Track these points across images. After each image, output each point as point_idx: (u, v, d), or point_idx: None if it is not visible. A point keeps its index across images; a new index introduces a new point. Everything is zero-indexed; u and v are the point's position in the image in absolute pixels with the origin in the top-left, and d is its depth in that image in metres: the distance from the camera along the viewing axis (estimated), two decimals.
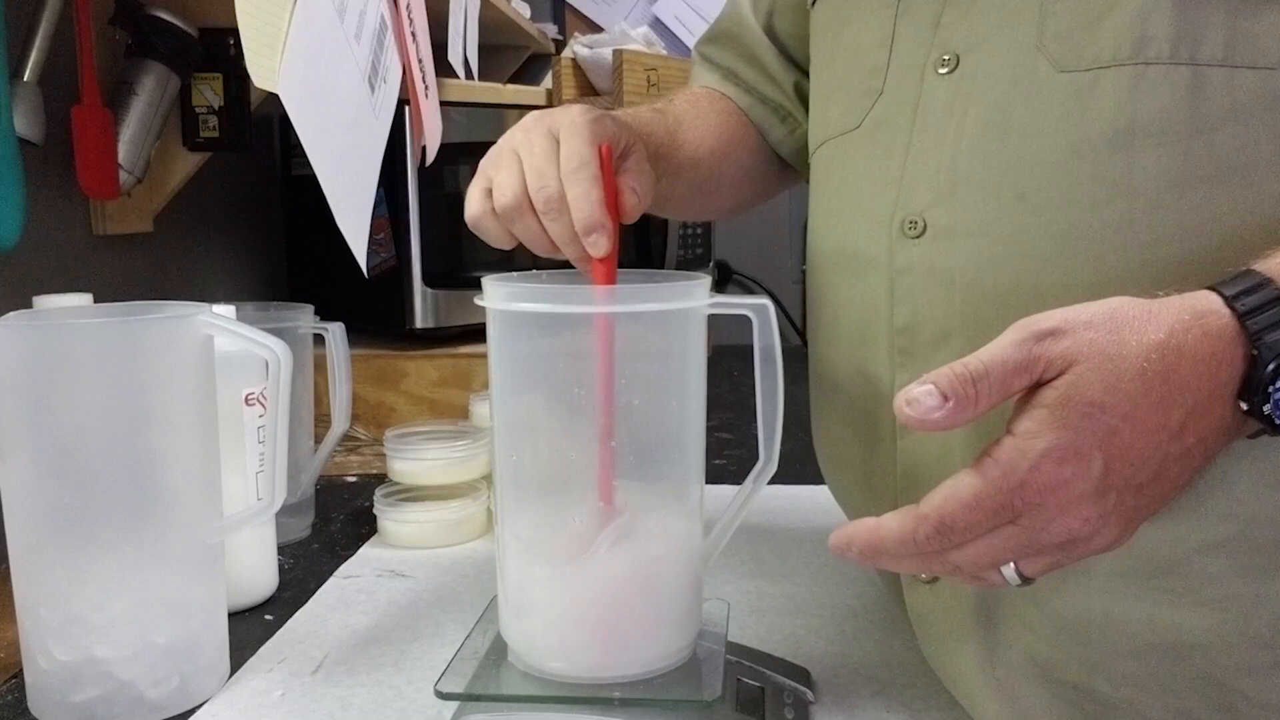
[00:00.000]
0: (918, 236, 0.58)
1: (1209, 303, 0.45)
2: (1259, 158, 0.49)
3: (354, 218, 0.87)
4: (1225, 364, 0.44)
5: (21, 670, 0.65)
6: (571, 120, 0.61)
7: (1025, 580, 0.47)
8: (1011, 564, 0.46)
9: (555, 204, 0.59)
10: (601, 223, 0.59)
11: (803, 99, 0.81)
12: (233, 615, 0.71)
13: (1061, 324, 0.45)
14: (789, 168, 0.85)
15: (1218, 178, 0.50)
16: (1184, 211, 0.50)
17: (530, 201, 0.60)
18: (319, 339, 0.96)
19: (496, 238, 0.63)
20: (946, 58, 0.58)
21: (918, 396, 0.45)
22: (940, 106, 0.58)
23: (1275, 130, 0.49)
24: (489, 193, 0.62)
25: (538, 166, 0.60)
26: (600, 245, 0.59)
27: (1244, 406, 0.44)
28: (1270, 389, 0.44)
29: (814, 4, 0.73)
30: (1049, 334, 0.45)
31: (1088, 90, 0.52)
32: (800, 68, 0.81)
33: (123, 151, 1.00)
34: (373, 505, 0.95)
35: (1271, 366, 0.43)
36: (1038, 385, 0.45)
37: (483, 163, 0.64)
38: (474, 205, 0.63)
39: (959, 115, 0.56)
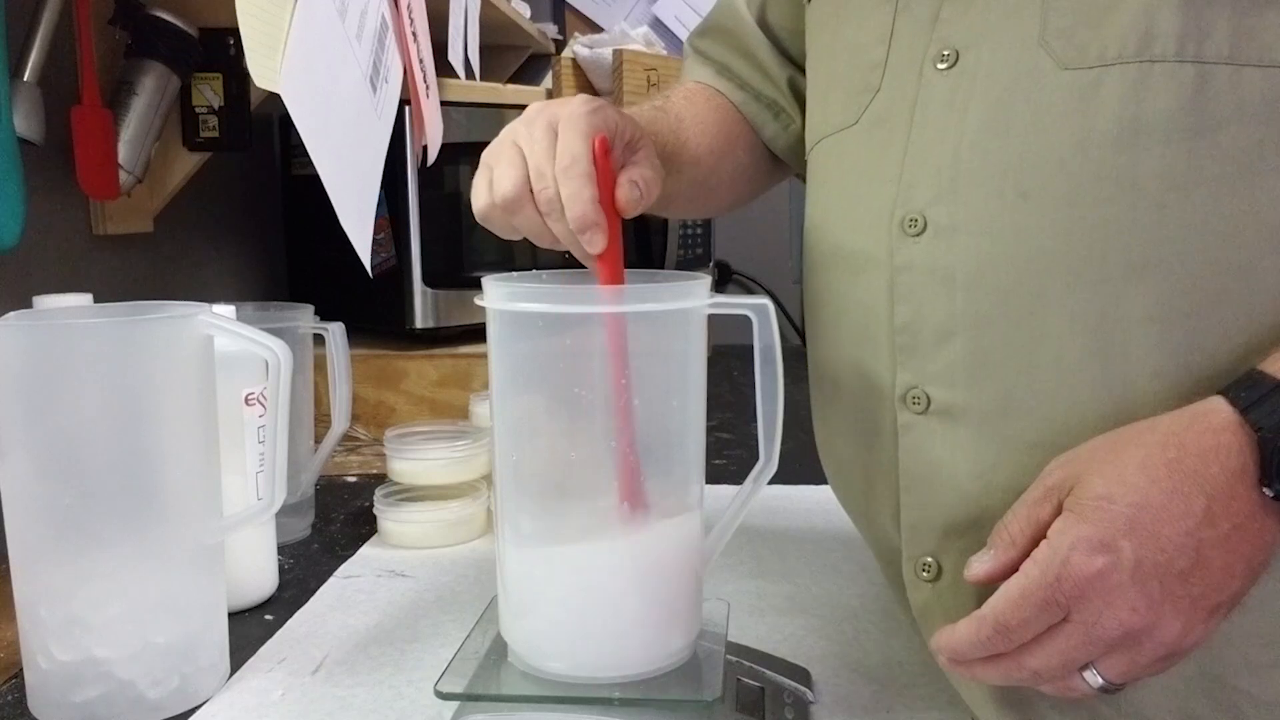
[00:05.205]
0: (918, 234, 0.57)
1: (1210, 403, 0.47)
2: (1264, 157, 0.49)
3: (358, 218, 0.87)
4: (1233, 452, 0.46)
5: (21, 670, 0.66)
6: (570, 113, 0.60)
7: (1114, 686, 0.48)
8: (1092, 668, 0.48)
9: (556, 204, 0.58)
10: (595, 221, 0.58)
11: (797, 95, 0.80)
12: (233, 615, 0.72)
13: (1063, 458, 0.50)
14: (781, 164, 0.84)
15: (1222, 177, 0.49)
16: (1188, 211, 0.50)
17: (530, 193, 0.59)
18: (319, 339, 0.96)
19: (503, 230, 0.62)
20: (946, 53, 0.57)
21: (970, 562, 0.51)
22: (940, 103, 0.57)
23: None
24: (492, 186, 0.61)
25: (538, 164, 0.59)
26: (596, 243, 0.58)
27: (1269, 494, 0.45)
28: None
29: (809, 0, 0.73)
30: (1056, 468, 0.50)
31: (1092, 88, 0.51)
32: (795, 62, 0.80)
33: (123, 151, 1.00)
34: (373, 505, 0.95)
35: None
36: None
37: (485, 154, 0.63)
38: (480, 199, 0.62)
39: (959, 112, 0.56)
